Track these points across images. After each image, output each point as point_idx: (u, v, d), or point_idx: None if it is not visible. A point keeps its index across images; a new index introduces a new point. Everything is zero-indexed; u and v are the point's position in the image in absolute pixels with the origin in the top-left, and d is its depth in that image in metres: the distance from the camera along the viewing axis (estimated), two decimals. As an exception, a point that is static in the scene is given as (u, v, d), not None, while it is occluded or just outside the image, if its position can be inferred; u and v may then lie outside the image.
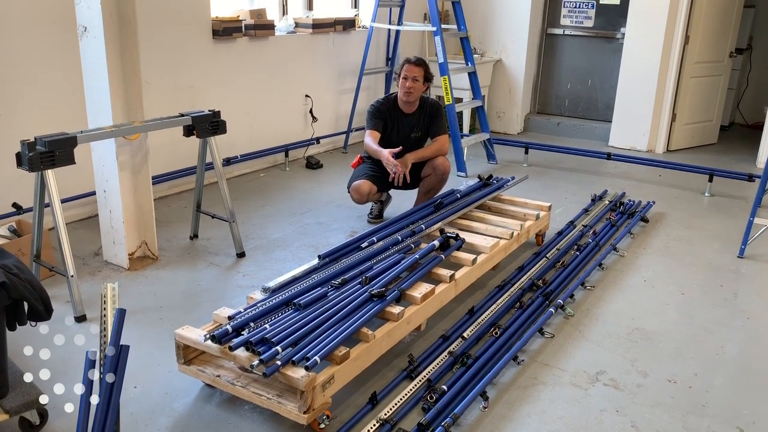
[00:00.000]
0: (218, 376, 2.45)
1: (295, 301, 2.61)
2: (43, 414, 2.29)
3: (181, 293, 3.40)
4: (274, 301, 2.63)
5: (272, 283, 2.82)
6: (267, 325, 2.44)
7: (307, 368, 2.23)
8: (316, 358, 2.27)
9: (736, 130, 7.65)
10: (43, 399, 1.90)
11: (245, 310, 2.59)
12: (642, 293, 3.51)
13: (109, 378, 1.82)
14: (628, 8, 6.38)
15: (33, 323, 2.18)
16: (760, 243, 4.07)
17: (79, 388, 1.83)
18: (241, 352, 2.33)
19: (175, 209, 4.60)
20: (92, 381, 1.87)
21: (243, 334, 2.38)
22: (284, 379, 2.25)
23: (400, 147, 4.05)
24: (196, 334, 2.47)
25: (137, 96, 3.47)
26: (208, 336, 2.40)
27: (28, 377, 1.87)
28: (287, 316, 2.53)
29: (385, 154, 3.97)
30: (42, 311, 2.18)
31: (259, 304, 2.61)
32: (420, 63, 4.10)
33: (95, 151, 3.50)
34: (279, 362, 2.24)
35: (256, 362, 2.23)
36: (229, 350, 2.32)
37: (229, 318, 2.52)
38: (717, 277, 3.72)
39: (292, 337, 2.36)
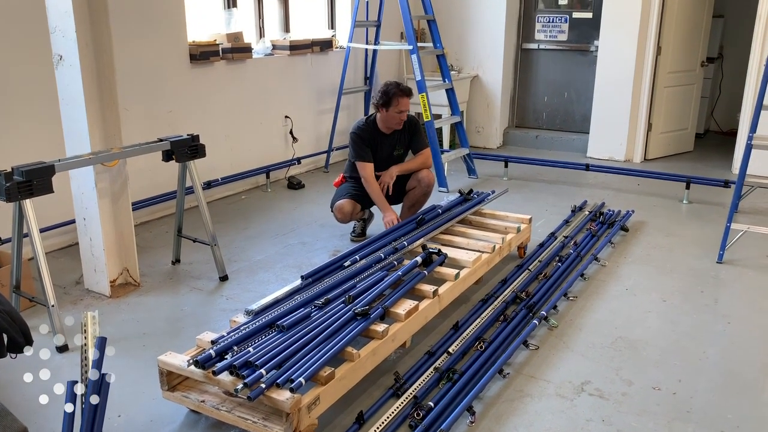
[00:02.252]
0: (203, 401, 2.43)
1: (278, 323, 2.60)
2: (25, 447, 2.25)
3: (165, 319, 3.37)
4: (257, 323, 2.61)
5: (255, 306, 2.80)
6: (251, 348, 2.42)
7: (291, 390, 2.22)
8: (301, 379, 2.25)
9: (711, 137, 7.78)
10: (43, 399, 1.84)
11: (228, 333, 2.56)
12: (624, 302, 3.54)
13: (93, 400, 1.80)
14: (601, 21, 6.49)
15: (13, 355, 2.15)
16: (737, 248, 4.13)
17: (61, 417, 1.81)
18: (225, 377, 2.31)
19: (156, 234, 4.58)
20: (74, 411, 1.85)
21: (226, 358, 2.37)
22: (269, 402, 2.24)
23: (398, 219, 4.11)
24: (179, 360, 2.45)
25: (115, 122, 3.46)
26: (191, 361, 2.38)
27: (27, 377, 1.84)
28: (271, 339, 2.51)
29: (385, 217, 4.09)
30: (22, 343, 2.15)
31: (242, 328, 2.60)
32: (410, 93, 4.11)
33: (74, 179, 3.48)
34: (263, 385, 2.22)
35: (240, 386, 2.21)
36: (213, 375, 2.30)
37: (212, 342, 2.49)
38: (697, 283, 3.77)
39: (276, 359, 2.35)
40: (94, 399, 1.82)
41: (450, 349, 2.93)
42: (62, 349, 3.00)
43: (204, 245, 3.88)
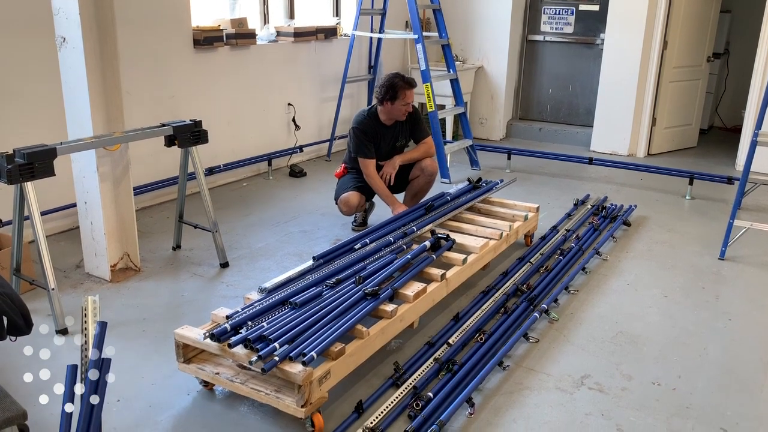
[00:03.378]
0: (217, 373, 2.49)
1: (291, 300, 2.66)
2: (23, 430, 2.25)
3: (165, 305, 3.37)
4: (270, 300, 2.67)
5: (268, 284, 2.86)
6: (264, 324, 2.48)
7: (304, 363, 2.27)
8: (313, 353, 2.31)
9: (715, 133, 7.75)
10: (43, 399, 1.83)
11: (242, 309, 2.63)
12: (625, 297, 3.54)
13: (93, 400, 1.80)
14: (607, 14, 6.45)
15: (13, 338, 2.15)
16: (740, 245, 4.12)
17: (59, 400, 1.80)
18: (240, 350, 2.37)
19: (157, 220, 4.57)
20: (74, 394, 1.84)
21: (241, 333, 2.42)
22: (282, 375, 2.29)
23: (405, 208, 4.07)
24: (195, 333, 2.50)
25: (118, 106, 3.44)
26: (207, 334, 2.43)
27: (27, 377, 1.83)
28: (284, 315, 2.57)
29: (395, 210, 4.05)
30: (22, 325, 2.14)
31: (255, 304, 2.66)
32: (414, 84, 4.08)
33: (75, 162, 3.46)
34: (277, 358, 2.28)
35: (254, 359, 2.27)
36: (228, 347, 2.36)
37: (227, 317, 2.55)
38: (699, 280, 3.76)
39: (289, 334, 2.41)
40: (94, 399, 1.81)
41: (450, 341, 2.92)
42: (62, 332, 3.00)
43: (205, 231, 3.88)
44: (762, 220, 4.34)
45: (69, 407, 1.81)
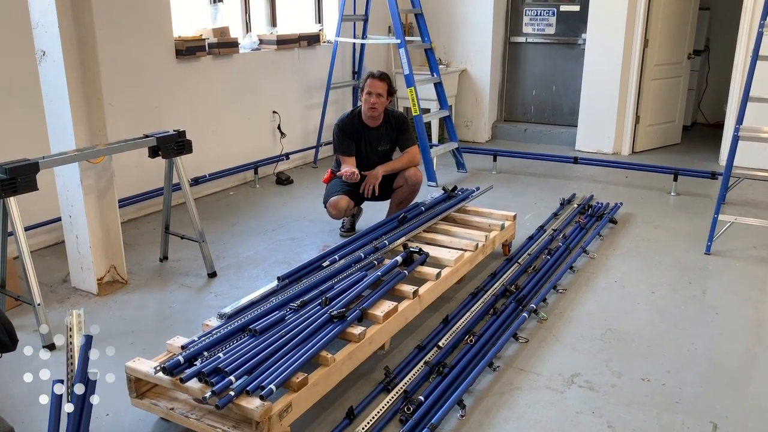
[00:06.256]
0: (172, 409, 2.33)
1: (250, 326, 2.52)
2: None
3: (153, 316, 3.35)
4: (229, 327, 2.54)
5: (228, 309, 2.72)
6: (221, 354, 2.34)
7: (262, 398, 2.14)
8: (272, 386, 2.18)
9: (698, 129, 7.82)
10: (43, 399, 1.81)
11: (199, 338, 2.48)
12: (613, 294, 3.55)
13: (94, 400, 1.79)
14: (588, 14, 6.50)
15: (-2, 354, 2.13)
16: (725, 239, 4.15)
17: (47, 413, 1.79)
18: (194, 384, 2.23)
19: (143, 231, 4.54)
20: (60, 411, 1.83)
21: (196, 365, 2.29)
22: (238, 410, 2.17)
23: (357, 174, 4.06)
24: (147, 366, 2.37)
25: (100, 118, 3.43)
26: (158, 368, 2.30)
27: (27, 377, 1.81)
28: (242, 343, 2.44)
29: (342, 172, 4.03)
30: (7, 342, 2.13)
31: (214, 332, 2.52)
32: (383, 78, 4.09)
33: (59, 176, 3.44)
34: (232, 393, 2.15)
35: (208, 393, 2.14)
36: (181, 382, 2.23)
37: (183, 347, 2.42)
38: (685, 275, 3.79)
39: (247, 365, 2.28)
40: (95, 399, 1.80)
41: (440, 343, 2.92)
42: (49, 347, 2.97)
43: (192, 242, 3.86)
44: (746, 214, 4.38)
45: (68, 406, 1.79)
